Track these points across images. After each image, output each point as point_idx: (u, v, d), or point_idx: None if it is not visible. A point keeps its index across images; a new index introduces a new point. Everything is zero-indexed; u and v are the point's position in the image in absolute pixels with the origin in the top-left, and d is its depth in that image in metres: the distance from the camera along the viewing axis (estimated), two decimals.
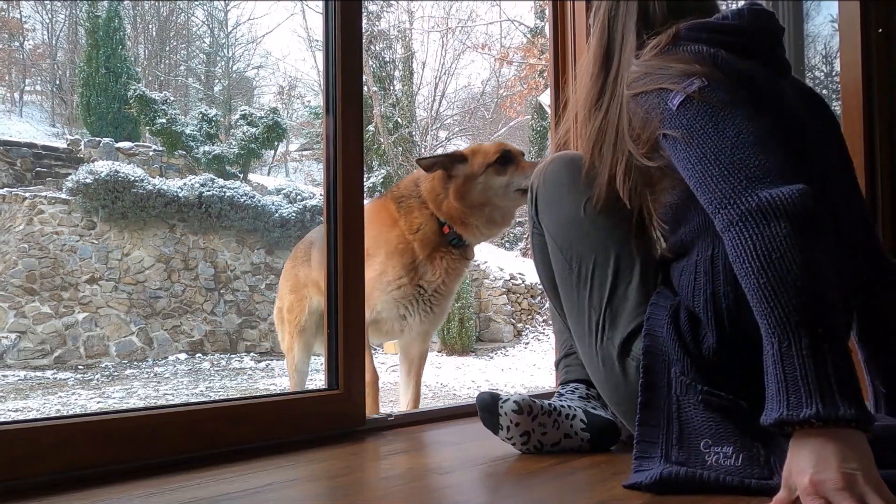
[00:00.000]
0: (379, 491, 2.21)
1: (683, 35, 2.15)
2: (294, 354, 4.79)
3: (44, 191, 15.61)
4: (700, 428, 2.00)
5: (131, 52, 24.60)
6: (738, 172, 1.83)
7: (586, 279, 2.33)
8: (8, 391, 11.57)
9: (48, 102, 27.78)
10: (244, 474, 2.36)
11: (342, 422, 3.02)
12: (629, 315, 2.22)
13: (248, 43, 32.59)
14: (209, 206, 16.45)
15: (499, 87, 29.17)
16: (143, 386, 12.33)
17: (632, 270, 2.27)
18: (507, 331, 18.19)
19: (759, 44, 2.20)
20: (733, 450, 1.95)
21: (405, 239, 3.86)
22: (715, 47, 2.10)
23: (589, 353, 2.35)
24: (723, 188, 1.84)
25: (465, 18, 29.05)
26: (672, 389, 2.05)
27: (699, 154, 1.92)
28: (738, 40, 2.15)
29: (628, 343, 2.20)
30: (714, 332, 2.03)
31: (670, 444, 2.03)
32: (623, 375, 2.22)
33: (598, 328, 2.28)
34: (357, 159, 3.13)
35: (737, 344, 2.01)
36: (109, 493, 2.13)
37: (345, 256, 3.06)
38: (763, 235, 1.73)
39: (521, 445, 2.51)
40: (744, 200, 1.78)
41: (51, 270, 14.51)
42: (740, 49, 2.13)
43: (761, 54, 2.19)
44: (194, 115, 22.67)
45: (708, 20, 2.18)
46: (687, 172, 1.97)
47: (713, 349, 2.02)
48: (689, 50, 2.11)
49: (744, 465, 1.92)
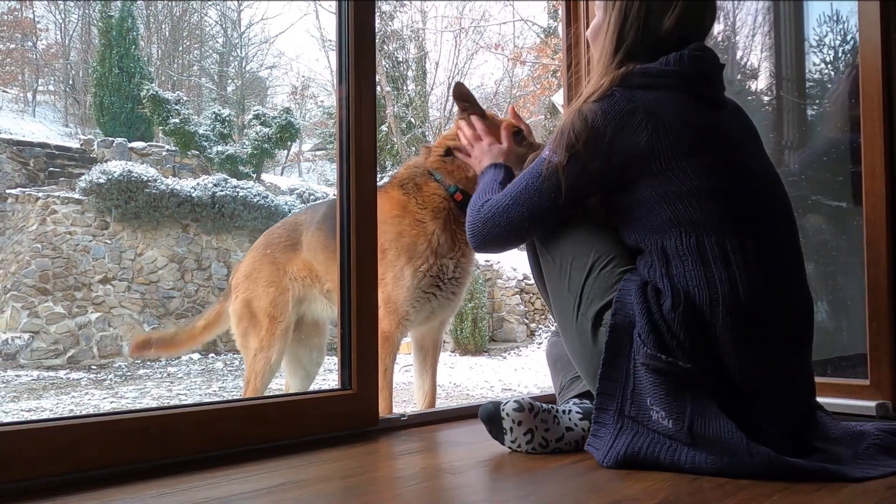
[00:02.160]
0: (392, 491, 2.21)
1: (624, 81, 2.53)
2: (270, 355, 4.44)
3: (57, 191, 15.59)
4: (646, 387, 2.32)
5: (144, 52, 24.58)
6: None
7: (567, 270, 2.62)
8: (21, 391, 11.58)
9: (61, 102, 27.76)
10: (257, 474, 2.37)
11: (355, 422, 3.02)
12: (602, 293, 2.50)
13: (261, 43, 32.55)
14: (222, 206, 16.43)
15: (512, 87, 29.13)
16: (156, 386, 12.33)
17: (606, 259, 2.54)
18: (520, 331, 18.17)
19: (696, 85, 2.54)
20: (666, 413, 2.28)
21: (418, 221, 3.77)
22: (654, 91, 2.49)
23: (570, 333, 2.63)
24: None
25: (479, 18, 29.05)
26: (632, 350, 2.36)
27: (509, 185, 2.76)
28: (677, 83, 2.50)
29: (600, 315, 2.48)
30: (670, 298, 2.33)
31: (625, 399, 2.38)
32: (594, 343, 2.50)
33: (576, 307, 2.56)
34: (370, 159, 3.14)
35: (687, 309, 2.32)
36: (122, 493, 2.14)
37: (358, 256, 3.07)
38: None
39: (526, 445, 2.59)
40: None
41: (64, 270, 14.50)
42: (683, 89, 2.50)
43: (699, 93, 2.54)
44: (207, 115, 22.62)
45: (650, 66, 2.53)
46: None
47: (670, 308, 2.32)
48: (614, 103, 2.48)
49: (674, 429, 2.27)
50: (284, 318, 4.47)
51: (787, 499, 1.98)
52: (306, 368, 4.88)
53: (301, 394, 3.13)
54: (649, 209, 2.46)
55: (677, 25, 2.58)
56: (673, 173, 2.41)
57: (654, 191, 2.44)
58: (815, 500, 1.97)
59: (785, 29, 4.36)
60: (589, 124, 2.47)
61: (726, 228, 2.37)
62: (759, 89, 4.67)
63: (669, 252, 2.41)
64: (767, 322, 2.35)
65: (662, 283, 2.39)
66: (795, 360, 2.44)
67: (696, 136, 2.46)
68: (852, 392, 3.40)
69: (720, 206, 2.39)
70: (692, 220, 2.38)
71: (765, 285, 2.34)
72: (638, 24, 2.60)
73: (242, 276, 4.67)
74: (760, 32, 4.58)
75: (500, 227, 2.70)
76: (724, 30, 4.73)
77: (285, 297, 4.49)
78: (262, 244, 4.70)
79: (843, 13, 4.11)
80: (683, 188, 2.40)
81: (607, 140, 2.45)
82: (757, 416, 2.31)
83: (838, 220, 3.89)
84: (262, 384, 4.42)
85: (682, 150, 2.42)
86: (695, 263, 2.35)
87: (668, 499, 1.97)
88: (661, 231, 2.43)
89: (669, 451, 2.28)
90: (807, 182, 3.99)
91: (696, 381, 2.26)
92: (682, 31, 2.59)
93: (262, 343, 4.45)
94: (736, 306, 2.30)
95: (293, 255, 4.50)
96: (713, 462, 2.22)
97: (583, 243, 2.61)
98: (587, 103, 2.53)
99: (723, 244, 2.35)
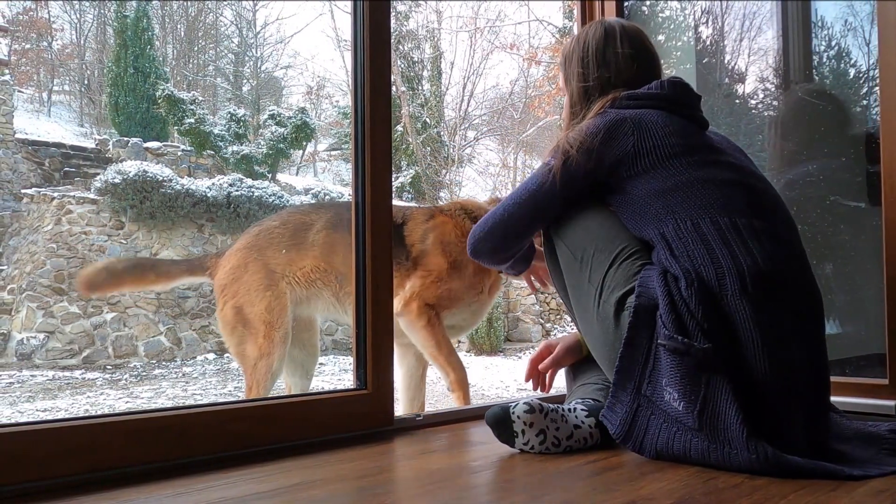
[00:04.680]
0: (407, 491, 2.21)
1: (614, 104, 2.83)
2: (271, 361, 4.37)
3: (72, 191, 15.61)
4: (664, 368, 2.38)
5: (160, 52, 24.64)
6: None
7: (588, 262, 2.70)
8: (36, 391, 11.60)
9: (76, 102, 27.83)
10: (272, 474, 2.37)
11: (371, 422, 3.02)
12: (625, 281, 2.57)
13: (276, 43, 32.60)
14: (238, 207, 16.45)
15: (527, 87, 29.05)
16: (171, 386, 12.34)
17: (629, 252, 2.64)
18: (535, 331, 18.18)
19: (679, 107, 2.82)
20: (679, 395, 2.33)
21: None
22: (641, 109, 2.77)
23: (589, 322, 2.70)
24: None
25: (494, 18, 28.99)
26: (655, 331, 2.42)
27: (512, 190, 2.92)
28: (660, 103, 2.79)
29: (623, 300, 2.54)
30: (683, 278, 2.43)
31: (643, 379, 2.45)
32: (616, 328, 2.55)
33: (597, 296, 2.63)
34: (385, 159, 3.14)
35: (700, 286, 2.41)
36: (138, 493, 2.14)
37: (373, 256, 3.07)
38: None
39: (538, 446, 2.60)
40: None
41: (79, 270, 14.52)
42: (667, 108, 2.78)
43: (682, 113, 2.81)
44: (223, 115, 22.67)
45: (636, 91, 2.84)
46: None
47: (685, 287, 2.41)
48: (605, 117, 2.76)
49: (684, 411, 2.33)
50: (283, 323, 4.42)
51: (802, 498, 1.97)
52: (304, 367, 4.84)
53: (316, 394, 3.12)
54: (644, 205, 2.65)
55: (632, 67, 2.96)
56: (659, 171, 2.63)
57: (645, 188, 2.65)
58: (831, 500, 1.96)
59: (793, 31, 4.34)
60: (583, 133, 2.73)
61: (717, 210, 2.54)
62: (746, 93, 4.68)
63: (669, 238, 2.55)
64: (778, 291, 2.42)
65: (672, 268, 2.50)
66: (811, 337, 2.49)
67: (679, 139, 2.69)
68: (871, 392, 3.40)
69: (709, 192, 2.57)
70: (685, 208, 2.56)
71: (763, 256, 2.44)
72: (598, 71, 2.98)
73: (229, 280, 4.57)
74: (748, 37, 4.60)
75: (501, 227, 2.90)
76: (713, 34, 4.75)
77: (282, 302, 4.44)
78: (250, 245, 4.62)
79: (829, 19, 4.12)
80: (671, 183, 2.61)
81: (598, 143, 2.70)
82: (773, 406, 2.33)
83: (856, 221, 3.88)
84: (264, 391, 4.37)
85: (666, 151, 2.65)
86: (695, 244, 2.49)
87: (682, 499, 1.96)
88: (658, 220, 2.60)
89: (678, 437, 2.36)
90: (824, 182, 3.97)
91: (714, 366, 2.30)
92: (639, 75, 2.94)
93: (262, 350, 4.38)
94: (741, 277, 2.39)
95: (296, 255, 4.46)
96: (714, 451, 2.29)
97: (604, 239, 2.70)
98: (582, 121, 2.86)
99: (717, 224, 2.50)
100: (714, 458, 2.28)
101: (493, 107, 29.98)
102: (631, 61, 2.94)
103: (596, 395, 2.85)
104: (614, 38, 2.97)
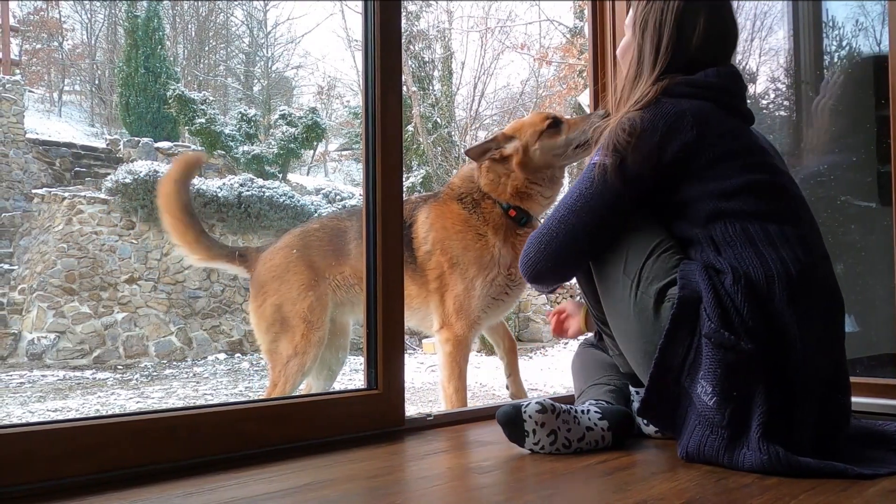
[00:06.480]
0: (418, 490, 2.21)
1: (668, 91, 2.68)
2: (305, 361, 4.37)
3: (83, 191, 15.61)
4: (704, 360, 2.36)
5: (170, 52, 24.69)
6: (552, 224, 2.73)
7: (623, 253, 2.65)
8: (47, 391, 11.61)
9: (87, 102, 27.89)
10: (283, 474, 2.37)
11: (381, 422, 3.03)
12: (664, 273, 2.55)
13: (287, 43, 32.63)
14: (248, 206, 16.43)
15: (538, 87, 29.03)
16: (182, 386, 12.34)
17: (666, 245, 2.61)
18: (546, 331, 18.14)
19: (732, 99, 2.75)
20: (711, 389, 2.33)
21: (479, 235, 3.94)
22: (697, 100, 2.65)
23: (623, 314, 2.65)
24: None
25: (505, 18, 28.95)
26: (698, 324, 2.40)
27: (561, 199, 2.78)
28: (716, 94, 2.68)
29: (664, 291, 2.52)
30: (730, 275, 2.41)
31: (683, 371, 2.43)
32: (656, 319, 2.51)
33: (634, 286, 2.59)
34: (396, 159, 3.14)
35: (747, 284, 2.40)
36: (148, 493, 2.14)
37: (384, 256, 3.07)
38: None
39: (549, 447, 2.60)
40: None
41: (90, 270, 14.52)
42: (722, 101, 2.69)
43: (734, 105, 2.74)
44: (233, 115, 22.69)
45: (693, 77, 2.71)
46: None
47: (731, 283, 2.39)
48: (662, 108, 2.62)
49: (713, 407, 2.32)
50: (322, 324, 4.42)
51: (813, 498, 1.97)
52: (331, 368, 4.84)
53: (327, 394, 3.13)
54: (695, 206, 2.58)
55: (704, 45, 2.77)
56: (714, 173, 2.56)
57: (698, 189, 2.58)
58: (842, 500, 1.96)
59: (804, 31, 4.34)
60: (639, 129, 2.58)
61: (766, 217, 2.51)
62: (758, 93, 4.67)
63: (717, 240, 2.52)
64: (814, 295, 2.43)
65: (718, 264, 2.48)
66: (835, 340, 2.51)
67: (733, 141, 2.62)
68: (882, 391, 3.39)
69: (758, 198, 2.54)
70: (735, 212, 2.52)
71: (807, 262, 2.45)
72: (671, 43, 2.77)
73: (270, 277, 4.57)
74: (759, 37, 4.59)
75: (560, 241, 2.70)
76: None
77: (324, 303, 4.44)
78: (295, 245, 4.62)
79: (840, 19, 4.12)
80: (724, 186, 2.54)
81: (657, 142, 2.57)
82: (793, 409, 2.34)
83: (867, 221, 3.88)
84: (291, 388, 4.37)
85: (721, 153, 2.58)
86: (744, 247, 2.47)
87: (693, 498, 1.97)
88: (708, 222, 2.55)
89: (710, 439, 2.36)
90: (835, 182, 3.97)
91: (754, 367, 2.31)
92: (709, 53, 2.77)
93: (297, 348, 4.37)
94: (790, 282, 2.38)
95: (334, 261, 4.46)
96: (728, 451, 2.31)
97: (640, 231, 2.66)
98: (633, 111, 2.66)
99: (766, 229, 2.49)
100: (726, 458, 2.29)
101: (504, 107, 29.93)
102: (709, 37, 2.77)
103: (608, 396, 2.85)
104: (696, 8, 2.78)
